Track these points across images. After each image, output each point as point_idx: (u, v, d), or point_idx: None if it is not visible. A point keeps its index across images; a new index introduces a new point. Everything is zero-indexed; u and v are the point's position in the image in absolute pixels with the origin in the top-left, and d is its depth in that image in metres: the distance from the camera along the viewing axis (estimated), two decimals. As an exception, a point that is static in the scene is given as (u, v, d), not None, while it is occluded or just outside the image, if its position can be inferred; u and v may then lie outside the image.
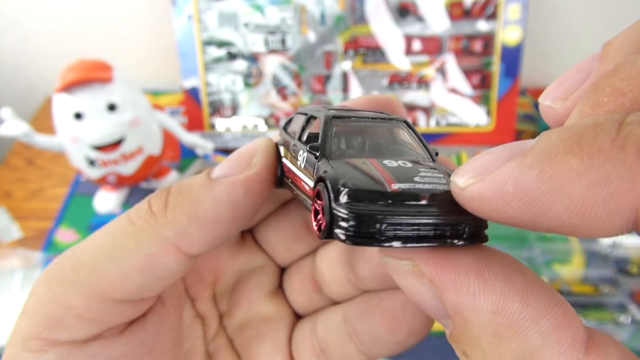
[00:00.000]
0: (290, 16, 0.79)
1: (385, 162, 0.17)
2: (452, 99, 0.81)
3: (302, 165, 0.19)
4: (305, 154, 0.19)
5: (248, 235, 0.28)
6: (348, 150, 0.18)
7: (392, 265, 0.15)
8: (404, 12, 0.78)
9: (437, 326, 0.56)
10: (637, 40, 0.14)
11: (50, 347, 0.19)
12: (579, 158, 0.10)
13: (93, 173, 0.64)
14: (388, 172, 0.16)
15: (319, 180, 0.16)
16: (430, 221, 0.14)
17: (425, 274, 0.14)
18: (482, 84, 0.80)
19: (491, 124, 0.81)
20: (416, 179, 0.15)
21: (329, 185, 0.15)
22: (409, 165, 0.17)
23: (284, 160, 0.22)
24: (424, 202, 0.14)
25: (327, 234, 0.15)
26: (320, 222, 0.15)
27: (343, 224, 0.14)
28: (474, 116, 0.81)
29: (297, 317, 0.27)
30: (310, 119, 0.21)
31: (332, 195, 0.14)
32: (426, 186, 0.15)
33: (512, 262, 0.14)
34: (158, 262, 0.19)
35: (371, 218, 0.14)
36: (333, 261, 0.24)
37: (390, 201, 0.14)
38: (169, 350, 0.22)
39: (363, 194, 0.14)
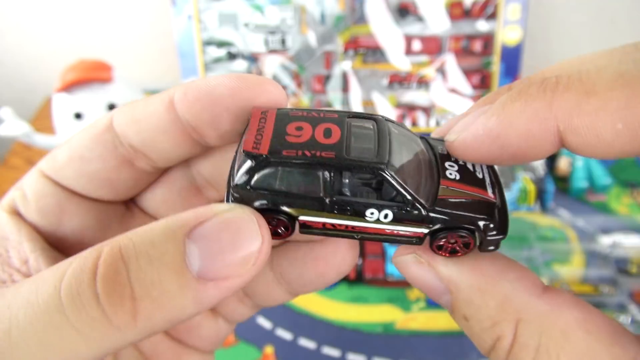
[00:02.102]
0: (290, 16, 0.79)
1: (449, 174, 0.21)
2: (452, 99, 0.81)
3: (387, 221, 0.19)
4: (389, 213, 0.19)
5: (133, 205, 0.26)
6: (418, 187, 0.20)
7: (401, 259, 0.20)
8: (404, 12, 0.78)
9: (437, 326, 0.57)
10: None
11: None
12: (520, 102, 0.16)
13: (93, 173, 0.64)
14: (479, 187, 0.20)
15: (456, 228, 0.19)
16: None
17: (423, 260, 0.19)
18: (482, 84, 0.80)
19: (491, 124, 0.81)
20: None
21: (481, 226, 0.19)
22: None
23: (305, 218, 0.19)
24: None
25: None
26: (459, 247, 0.19)
27: (491, 247, 0.19)
28: (474, 116, 0.81)
29: None
30: (331, 170, 0.19)
31: (483, 233, 0.19)
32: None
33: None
34: (116, 351, 0.17)
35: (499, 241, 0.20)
36: (259, 279, 0.25)
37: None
38: None
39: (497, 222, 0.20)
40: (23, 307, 0.16)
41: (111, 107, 0.60)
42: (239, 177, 0.19)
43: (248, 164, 0.19)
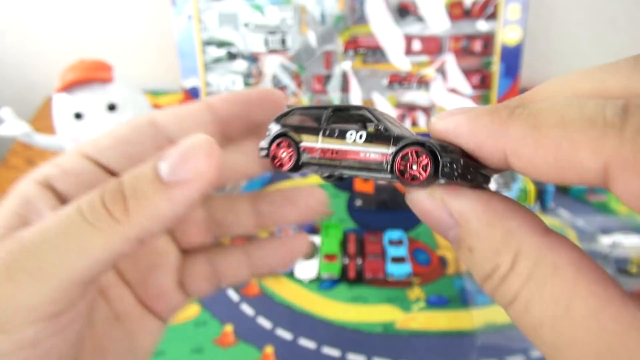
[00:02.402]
0: (290, 16, 0.79)
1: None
2: (452, 99, 0.81)
3: (362, 141, 0.24)
4: (363, 133, 0.24)
5: None
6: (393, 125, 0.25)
7: (415, 195, 0.22)
8: (404, 12, 0.78)
9: (437, 326, 0.57)
10: None
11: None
12: (487, 117, 0.19)
13: (93, 173, 0.64)
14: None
15: (416, 144, 0.22)
16: (461, 163, 0.21)
17: (437, 194, 0.21)
18: (482, 84, 0.80)
19: (491, 124, 0.81)
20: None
21: (436, 147, 0.21)
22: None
23: (305, 144, 0.26)
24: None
25: (432, 179, 0.21)
26: (419, 171, 0.22)
27: (447, 170, 0.21)
28: (474, 116, 0.81)
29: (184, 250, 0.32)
30: (334, 111, 0.26)
31: (441, 152, 0.21)
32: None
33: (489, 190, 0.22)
34: (120, 255, 0.22)
35: (458, 163, 0.21)
36: (239, 210, 0.30)
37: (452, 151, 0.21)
38: None
39: (449, 150, 0.21)
40: (53, 215, 0.22)
41: (111, 107, 0.60)
42: (277, 118, 0.27)
43: (285, 110, 0.27)
